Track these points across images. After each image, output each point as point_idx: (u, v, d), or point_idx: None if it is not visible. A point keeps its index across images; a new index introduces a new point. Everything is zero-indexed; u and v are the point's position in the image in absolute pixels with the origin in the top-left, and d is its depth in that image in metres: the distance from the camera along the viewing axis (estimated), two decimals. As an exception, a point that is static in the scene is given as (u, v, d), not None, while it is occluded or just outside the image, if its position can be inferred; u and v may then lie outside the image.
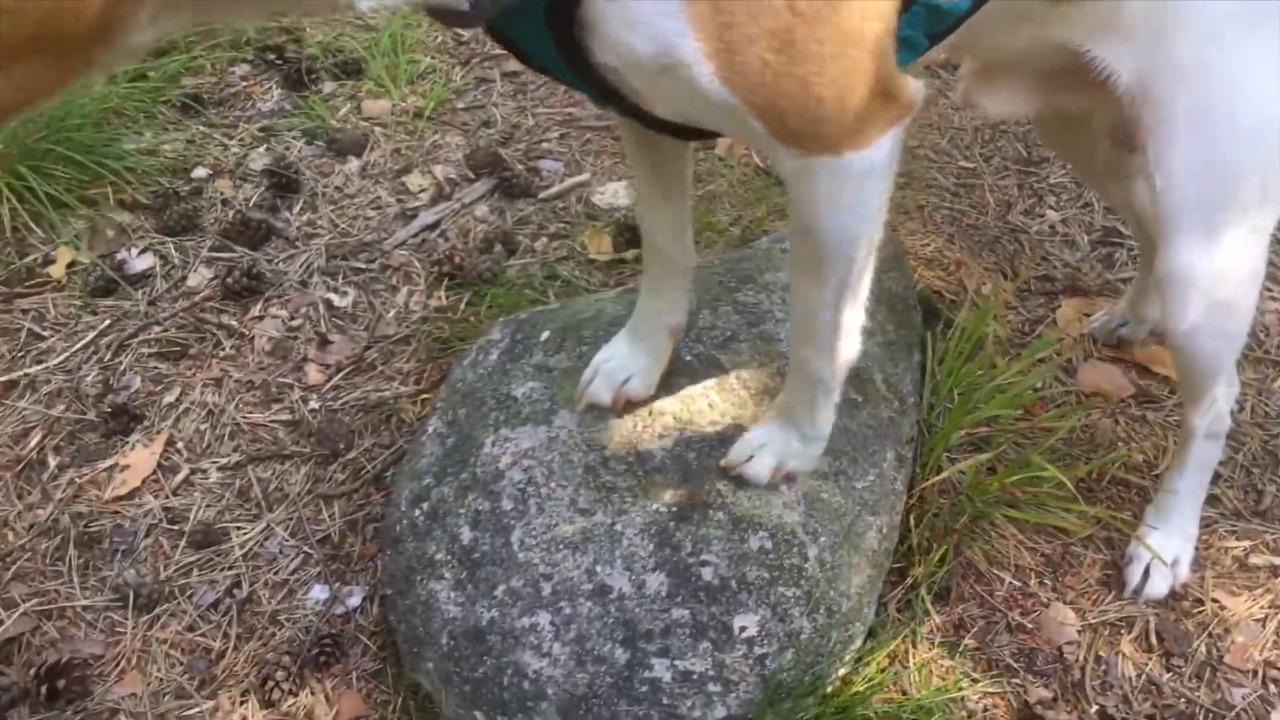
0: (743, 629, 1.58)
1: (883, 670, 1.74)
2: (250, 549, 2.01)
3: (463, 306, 2.40)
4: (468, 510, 1.69)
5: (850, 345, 1.53)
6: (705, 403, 1.72)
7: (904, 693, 1.73)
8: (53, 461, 2.15)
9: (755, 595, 1.59)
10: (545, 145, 2.82)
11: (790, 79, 1.11)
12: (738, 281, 1.90)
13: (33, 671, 1.79)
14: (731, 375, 1.76)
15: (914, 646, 1.80)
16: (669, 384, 1.74)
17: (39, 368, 2.31)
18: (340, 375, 2.29)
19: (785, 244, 2.03)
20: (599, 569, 1.60)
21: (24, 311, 2.41)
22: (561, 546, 1.63)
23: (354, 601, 1.92)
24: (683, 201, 1.63)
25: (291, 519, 2.05)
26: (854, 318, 1.49)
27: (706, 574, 1.59)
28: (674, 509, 1.63)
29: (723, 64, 1.08)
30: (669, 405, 1.72)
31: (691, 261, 1.71)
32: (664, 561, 1.60)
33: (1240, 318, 1.60)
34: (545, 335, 1.88)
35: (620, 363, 1.74)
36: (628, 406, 1.72)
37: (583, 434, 1.71)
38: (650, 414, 1.72)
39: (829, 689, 1.66)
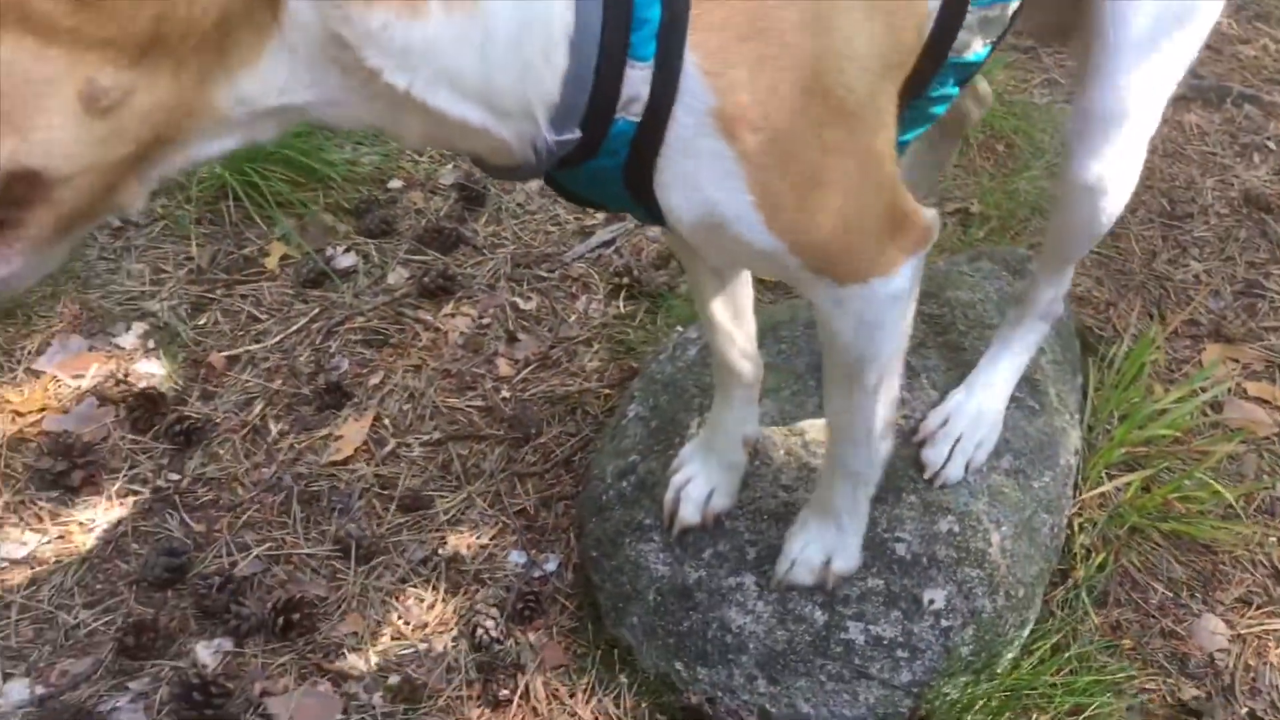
0: (931, 602, 1.73)
1: (1045, 660, 1.88)
2: (453, 515, 2.21)
3: (640, 315, 2.61)
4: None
5: (884, 444, 1.61)
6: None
7: (1067, 681, 1.86)
8: (274, 428, 2.38)
9: (944, 572, 1.74)
10: (712, 176, 3.02)
11: (823, 211, 1.17)
12: (921, 296, 2.06)
13: (269, 605, 2.00)
14: (922, 376, 1.93)
15: (1074, 642, 1.93)
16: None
17: (258, 346, 2.55)
18: (528, 369, 2.50)
19: (962, 266, 2.20)
20: (801, 538, 1.77)
21: (243, 296, 2.66)
22: (765, 516, 1.80)
23: (550, 567, 2.11)
24: (748, 317, 1.73)
25: (489, 492, 2.25)
26: (885, 416, 1.55)
27: (900, 549, 1.75)
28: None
29: (769, 212, 1.12)
30: (864, 399, 1.89)
31: (760, 373, 1.80)
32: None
33: (1134, 178, 1.64)
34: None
35: (699, 482, 1.82)
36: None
37: (784, 420, 1.89)
38: (847, 406, 1.89)
39: (1000, 669, 1.80)
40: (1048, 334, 1.91)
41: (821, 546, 1.72)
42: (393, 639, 2.00)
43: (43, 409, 2.37)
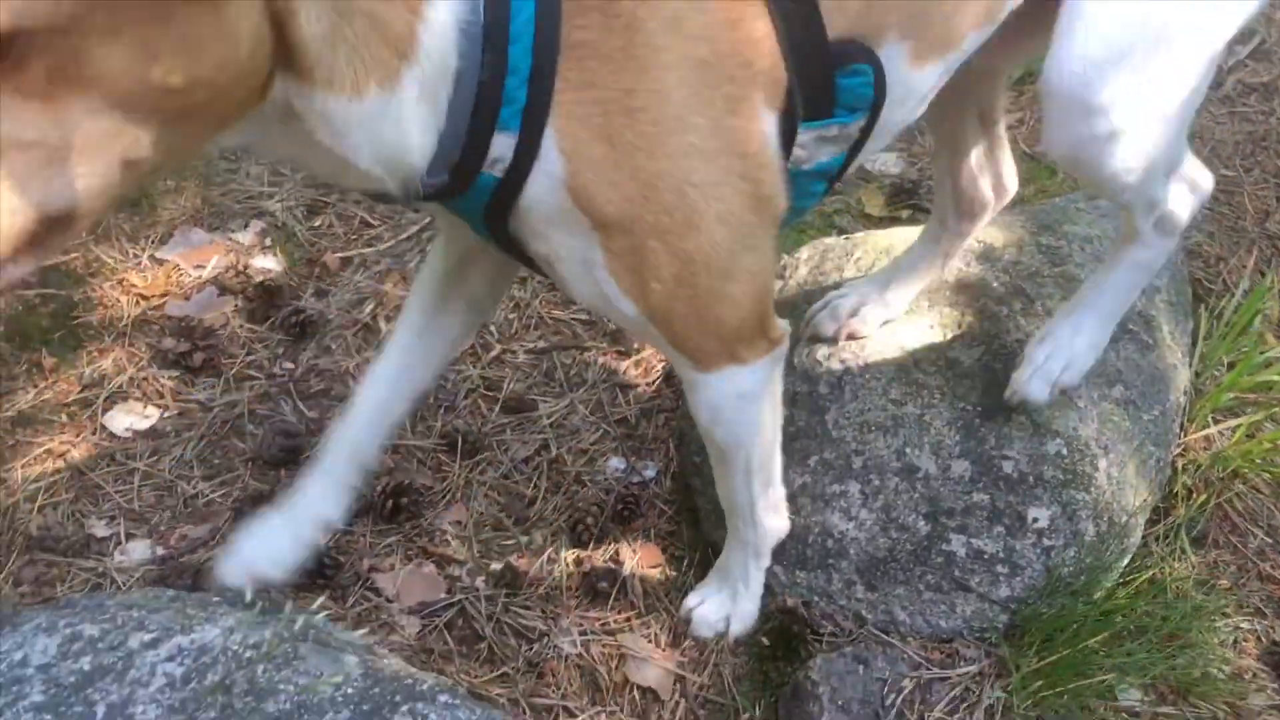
0: (1035, 520, 1.75)
1: (1140, 591, 1.88)
2: (556, 419, 2.26)
3: (745, 243, 2.63)
4: (785, 392, 1.88)
5: (774, 520, 1.70)
6: (1012, 324, 1.89)
7: (1162, 613, 1.86)
8: (384, 327, 2.44)
9: (1049, 492, 1.76)
10: (819, 114, 3.03)
11: (682, 300, 1.30)
12: (1039, 228, 2.08)
13: (379, 489, 2.06)
14: (1036, 303, 1.93)
15: (1170, 577, 1.93)
16: (980, 307, 1.93)
17: (369, 250, 2.62)
18: (632, 288, 2.53)
19: (1079, 203, 2.20)
20: (908, 450, 1.79)
21: (356, 202, 2.73)
22: (873, 428, 1.82)
23: (649, 474, 2.15)
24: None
25: (591, 400, 2.30)
26: (770, 496, 1.66)
27: (1007, 467, 1.77)
28: (979, 409, 1.81)
29: (631, 285, 1.27)
30: (977, 322, 1.90)
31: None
32: (968, 451, 1.78)
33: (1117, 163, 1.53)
34: (859, 255, 2.09)
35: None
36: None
37: (895, 339, 1.90)
38: (960, 327, 1.90)
39: (1096, 595, 1.81)
40: (1156, 260, 1.78)
41: (718, 607, 1.83)
42: (494, 530, 2.06)
43: (165, 294, 2.46)
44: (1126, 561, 1.87)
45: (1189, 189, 1.72)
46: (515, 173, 1.19)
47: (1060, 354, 1.79)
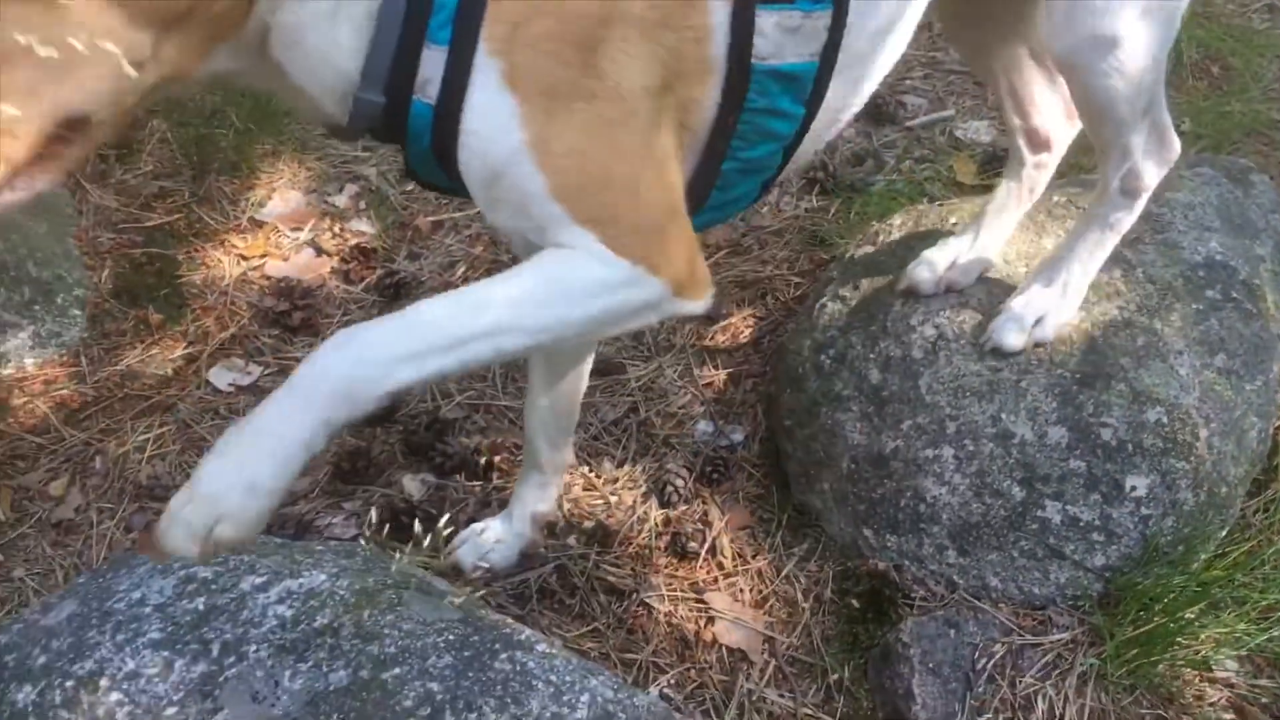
0: (1133, 488, 1.73)
1: (1238, 563, 1.85)
2: (644, 383, 2.28)
3: (834, 209, 2.62)
4: (878, 356, 1.90)
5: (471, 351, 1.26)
6: (1112, 289, 1.87)
7: (1260, 585, 1.83)
8: (475, 289, 2.47)
9: (1148, 461, 1.73)
10: (909, 82, 3.01)
11: (587, 169, 1.16)
12: (1139, 194, 2.04)
13: (471, 447, 2.10)
14: (1137, 270, 1.90)
15: (1269, 550, 1.90)
16: (1076, 270, 1.90)
17: (460, 214, 2.65)
18: (720, 254, 2.54)
19: (1181, 170, 2.15)
20: (1003, 416, 1.78)
21: (447, 167, 2.76)
22: (968, 393, 1.81)
23: (737, 438, 2.16)
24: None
25: (680, 364, 2.31)
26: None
27: (1105, 434, 1.75)
28: (1077, 375, 1.79)
29: (547, 167, 1.14)
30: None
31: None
32: (1065, 418, 1.76)
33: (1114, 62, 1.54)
34: (953, 221, 2.07)
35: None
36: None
37: (991, 304, 1.89)
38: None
39: (1194, 566, 1.79)
40: (1122, 220, 1.75)
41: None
42: (584, 490, 2.09)
43: (265, 255, 2.52)
44: (1225, 533, 1.84)
45: (1157, 150, 1.71)
46: (449, 98, 1.12)
47: (1035, 306, 1.82)
